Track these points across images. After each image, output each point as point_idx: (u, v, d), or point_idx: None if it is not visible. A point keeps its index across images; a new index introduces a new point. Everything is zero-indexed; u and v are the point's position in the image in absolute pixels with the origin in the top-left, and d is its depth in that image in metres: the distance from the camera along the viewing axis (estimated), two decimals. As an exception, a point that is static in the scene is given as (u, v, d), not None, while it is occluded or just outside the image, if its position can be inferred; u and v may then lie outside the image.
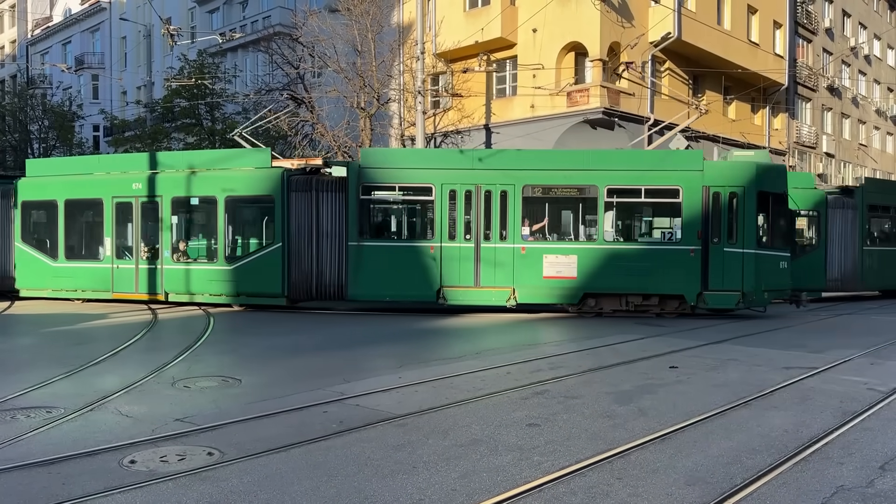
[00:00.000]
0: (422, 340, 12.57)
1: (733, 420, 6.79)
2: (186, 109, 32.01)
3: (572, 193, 15.96)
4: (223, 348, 11.47)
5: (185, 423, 6.50)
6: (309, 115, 26.43)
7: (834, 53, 40.29)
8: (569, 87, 24.80)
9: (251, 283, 16.21)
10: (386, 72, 26.22)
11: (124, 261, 17.22)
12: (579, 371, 9.18)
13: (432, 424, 6.51)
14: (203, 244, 17.45)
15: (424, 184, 15.58)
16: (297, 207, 15.82)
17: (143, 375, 8.64)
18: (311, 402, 7.36)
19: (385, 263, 15.45)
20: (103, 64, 48.26)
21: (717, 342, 11.85)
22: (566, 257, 15.31)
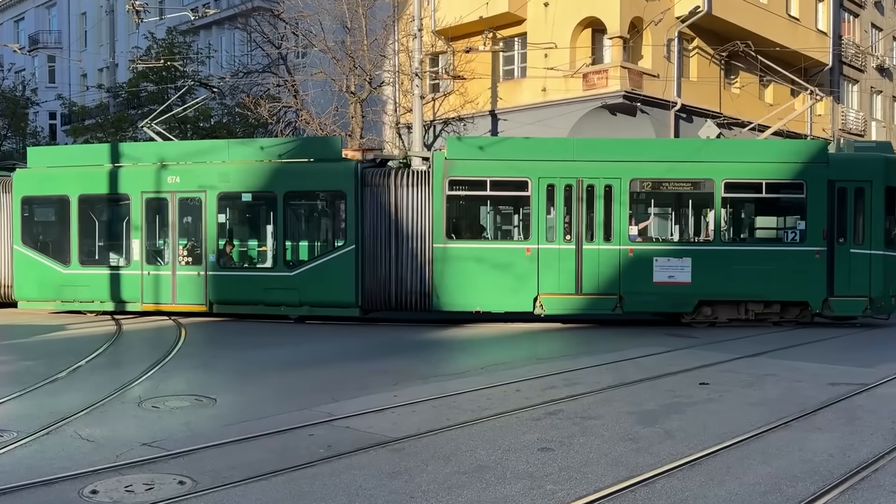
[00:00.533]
0: (421, 354, 12.54)
1: (772, 443, 6.78)
2: (154, 94, 32.01)
3: (685, 188, 16.01)
4: (196, 363, 11.46)
5: (153, 448, 6.49)
6: (292, 100, 26.47)
7: (884, 29, 40.21)
8: (585, 69, 24.79)
9: (317, 292, 15.76)
10: (379, 52, 26.21)
11: (157, 266, 16.67)
12: (598, 388, 9.15)
13: (432, 449, 6.50)
14: (257, 247, 17.22)
15: (519, 177, 15.38)
16: (372, 204, 15.58)
17: (106, 394, 8.62)
18: (296, 423, 7.34)
19: (475, 268, 15.19)
20: (60, 43, 48.32)
21: (752, 355, 11.80)
22: (679, 260, 15.28)
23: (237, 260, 16.87)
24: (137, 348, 13.06)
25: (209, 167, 16.43)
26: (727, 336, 14.05)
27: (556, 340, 14.14)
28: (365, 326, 15.74)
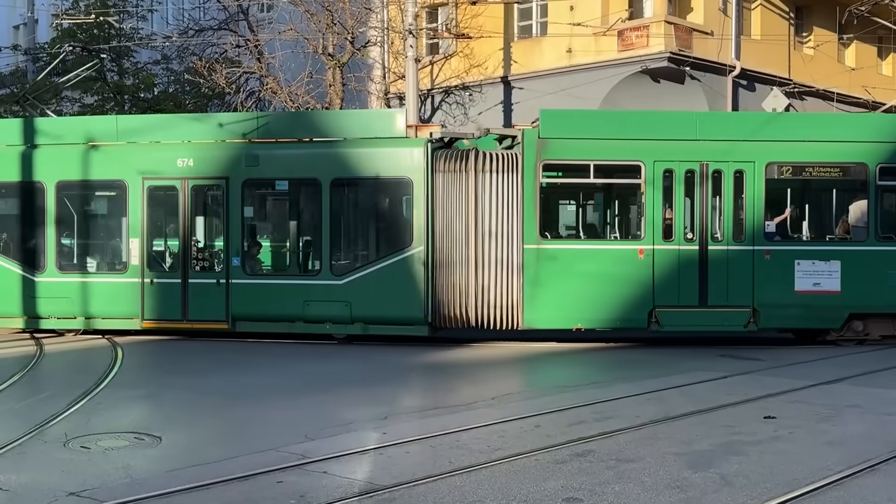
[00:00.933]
0: (416, 380, 12.56)
1: (855, 491, 6.76)
2: (83, 58, 32.00)
3: (831, 174, 15.90)
4: (136, 393, 11.44)
5: (82, 499, 6.47)
6: (256, 64, 26.50)
7: None
8: (621, 24, 24.79)
9: (374, 305, 15.45)
10: (363, 4, 26.22)
11: (162, 273, 16.40)
12: (636, 424, 9.13)
13: (431, 500, 6.49)
14: (295, 248, 16.94)
15: (630, 161, 15.24)
16: (445, 195, 15.26)
17: (25, 431, 8.60)
18: (261, 468, 7.34)
19: (576, 276, 15.03)
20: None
21: (829, 382, 11.79)
22: (826, 264, 15.16)
23: (268, 265, 16.61)
24: (63, 374, 13.00)
25: (233, 148, 16.05)
26: (796, 359, 14.04)
27: (585, 364, 14.12)
28: (349, 347, 15.67)
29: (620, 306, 15.04)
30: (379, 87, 27.38)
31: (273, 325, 15.84)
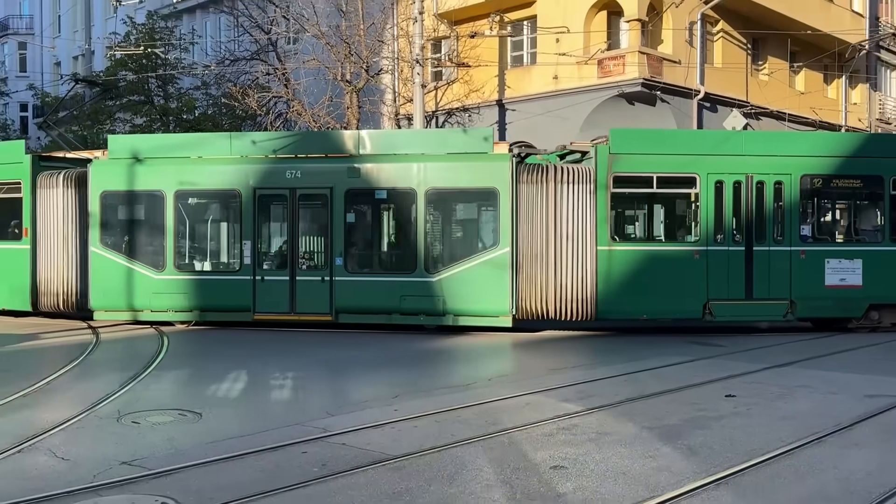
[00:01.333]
0: (423, 365, 12.53)
1: (804, 460, 6.76)
2: (134, 84, 32.08)
3: (853, 185, 16.24)
4: (180, 375, 11.45)
5: (133, 467, 6.48)
6: (283, 89, 26.51)
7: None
8: (600, 54, 24.79)
9: (464, 299, 15.35)
10: (376, 37, 26.23)
11: (273, 272, 16.15)
12: (615, 401, 9.12)
13: (436, 467, 6.49)
14: (393, 249, 16.97)
15: (687, 173, 15.38)
16: (526, 203, 15.18)
17: (83, 409, 8.60)
18: (288, 440, 7.34)
19: (642, 273, 15.15)
20: (32, 29, 48.47)
21: (783, 365, 11.78)
22: (850, 262, 15.48)
23: (369, 264, 16.44)
24: (116, 359, 13.00)
25: (336, 161, 15.87)
26: (754, 344, 14.05)
27: (571, 350, 14.12)
28: (360, 335, 15.66)
29: (680, 299, 15.24)
30: (390, 110, 27.39)
31: (372, 316, 15.73)
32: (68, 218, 16.21)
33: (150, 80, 31.82)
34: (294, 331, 15.81)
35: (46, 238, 16.32)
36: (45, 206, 16.33)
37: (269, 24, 28.07)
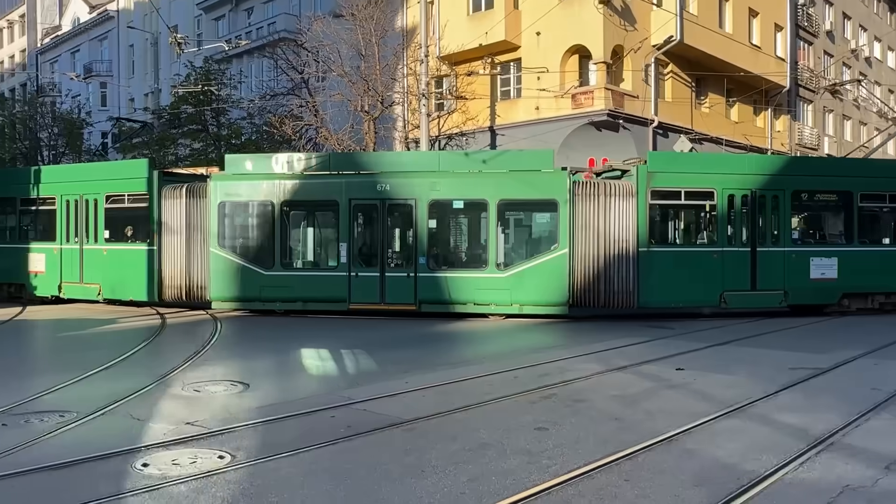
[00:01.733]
0: (429, 345, 12.54)
1: (740, 421, 6.78)
2: (193, 115, 32.05)
3: (830, 198, 16.64)
4: (231, 353, 11.49)
5: (195, 427, 6.52)
6: (313, 118, 26.50)
7: (835, 56, 40.16)
8: (573, 90, 24.81)
9: (529, 292, 15.17)
10: (390, 75, 26.25)
11: (365, 269, 15.75)
12: (586, 375, 9.13)
13: (440, 429, 6.51)
14: (468, 250, 16.70)
15: (707, 188, 15.49)
16: (580, 211, 15.12)
17: (154, 379, 8.66)
18: (319, 406, 7.36)
19: (673, 269, 15.22)
20: (111, 72, 48.43)
21: (722, 343, 11.82)
22: (829, 260, 15.88)
23: (447, 263, 16.11)
24: (179, 340, 13.02)
25: (420, 176, 15.70)
26: (699, 327, 14.05)
27: (551, 334, 14.09)
28: (380, 321, 15.64)
29: (702, 290, 15.38)
30: (401, 135, 27.38)
31: (450, 306, 15.56)
32: (189, 223, 16.06)
33: (206, 112, 31.78)
34: (323, 317, 15.80)
35: (170, 241, 16.21)
36: (169, 214, 16.20)
37: (302, 66, 28.06)
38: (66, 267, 17.55)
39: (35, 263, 18.09)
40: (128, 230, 17.12)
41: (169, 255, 16.21)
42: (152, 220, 16.28)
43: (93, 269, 17.19)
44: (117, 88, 46.86)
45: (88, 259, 17.26)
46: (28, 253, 18.25)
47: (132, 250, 16.71)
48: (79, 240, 17.40)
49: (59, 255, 17.68)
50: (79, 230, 17.41)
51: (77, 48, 52.09)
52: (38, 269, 18.01)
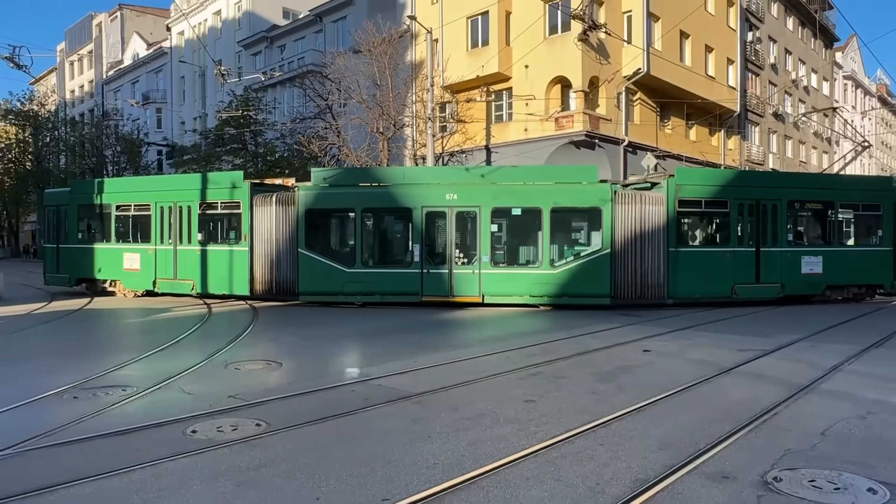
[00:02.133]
0: (435, 330, 12.52)
1: (697, 394, 6.78)
2: (234, 136, 32.14)
3: (816, 207, 16.87)
4: (266, 337, 11.48)
5: (236, 400, 6.53)
6: (336, 138, 26.52)
7: (778, 85, 40.13)
8: (556, 114, 24.79)
9: (576, 286, 15.26)
10: (401, 102, 26.28)
11: (436, 266, 15.65)
12: (567, 355, 9.13)
13: (444, 401, 6.51)
14: (525, 250, 16.48)
15: (720, 199, 15.67)
16: (620, 217, 15.25)
17: (201, 359, 8.67)
18: (341, 382, 7.39)
19: (695, 267, 15.34)
20: (165, 99, 48.47)
21: (683, 328, 11.80)
22: (815, 258, 16.27)
23: (507, 261, 16.05)
24: (223, 326, 13.00)
25: (483, 187, 15.74)
26: (665, 315, 14.03)
27: (538, 321, 14.07)
28: (394, 310, 15.63)
29: (719, 284, 15.53)
30: (410, 152, 27.40)
31: (509, 297, 15.57)
32: (278, 227, 15.93)
33: (245, 133, 31.84)
34: (344, 308, 15.79)
35: (260, 242, 16.07)
36: (260, 219, 16.07)
37: (327, 94, 28.06)
38: (160, 265, 17.38)
39: (129, 262, 17.86)
40: (221, 233, 17.20)
41: (259, 255, 16.08)
42: (245, 225, 16.20)
43: (186, 267, 17.06)
44: (170, 113, 46.88)
45: (182, 258, 17.11)
46: (123, 253, 17.97)
47: (226, 251, 16.62)
48: (173, 241, 17.21)
49: (153, 255, 17.47)
50: (172, 233, 17.21)
51: (136, 79, 52.13)
52: (132, 267, 17.77)
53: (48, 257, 19.78)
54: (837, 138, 50.18)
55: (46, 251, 20.02)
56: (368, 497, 4.15)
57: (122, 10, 56.42)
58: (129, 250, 17.90)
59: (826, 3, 46.42)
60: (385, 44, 25.37)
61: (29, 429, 5.52)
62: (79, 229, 19.00)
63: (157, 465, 4.69)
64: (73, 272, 18.85)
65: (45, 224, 20.42)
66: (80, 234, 18.97)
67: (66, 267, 18.99)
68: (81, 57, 60.73)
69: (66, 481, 4.39)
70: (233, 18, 42.25)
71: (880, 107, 61.86)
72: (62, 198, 19.47)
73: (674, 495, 4.19)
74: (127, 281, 17.96)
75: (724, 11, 32.35)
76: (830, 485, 4.36)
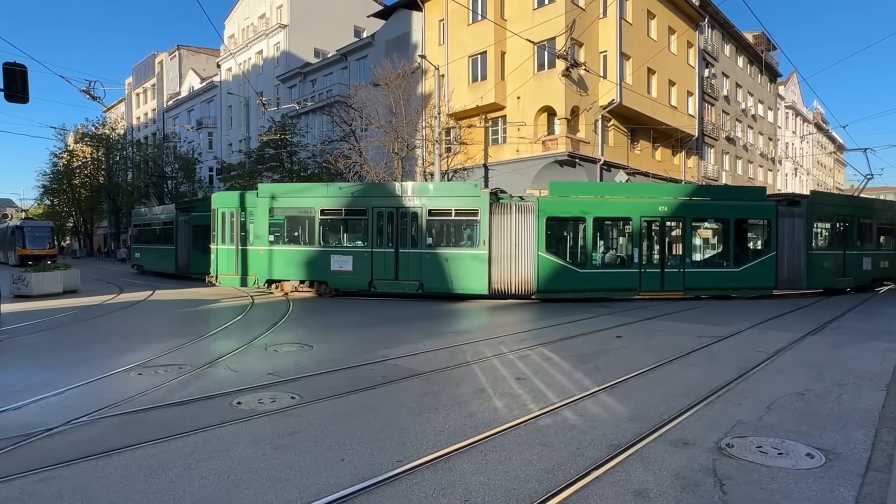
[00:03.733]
0: (441, 318, 12.49)
1: (661, 374, 6.76)
2: (273, 155, 32.15)
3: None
4: (299, 324, 11.48)
5: (274, 376, 6.54)
6: (358, 158, 26.52)
7: (730, 113, 39.95)
8: (543, 138, 24.72)
9: (752, 280, 15.77)
10: (413, 127, 26.20)
11: (650, 267, 15.53)
12: (552, 340, 9.13)
13: (448, 379, 6.51)
14: (720, 253, 16.56)
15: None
16: (786, 229, 15.88)
17: (245, 342, 8.70)
18: (362, 362, 7.38)
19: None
20: (216, 124, 48.54)
21: (649, 318, 11.76)
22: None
23: (702, 260, 16.36)
24: (263, 315, 13.00)
25: (686, 201, 15.65)
26: (634, 306, 13.97)
27: (527, 311, 14.04)
28: (402, 301, 15.59)
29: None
30: (420, 170, 27.35)
31: (708, 290, 15.76)
32: (517, 233, 15.08)
33: (283, 153, 31.86)
34: (367, 299, 15.78)
35: (497, 246, 15.24)
36: (497, 226, 15.15)
37: (351, 121, 28.06)
38: (377, 266, 15.85)
39: (339, 264, 16.12)
40: (451, 237, 15.96)
41: (496, 257, 15.27)
42: (484, 230, 15.14)
43: (408, 268, 15.64)
44: (220, 136, 46.96)
45: (403, 260, 15.69)
46: (331, 255, 16.15)
47: (462, 254, 15.43)
48: (393, 244, 15.75)
49: (369, 257, 15.89)
50: (393, 237, 15.75)
51: (192, 107, 52.23)
52: (342, 268, 16.05)
53: (221, 259, 17.32)
54: (780, 158, 50.01)
55: (220, 252, 17.37)
56: (385, 459, 4.15)
57: (180, 50, 56.56)
58: (339, 252, 16.24)
59: (771, 45, 46.21)
60: (400, 78, 25.35)
61: (102, 400, 5.55)
62: (270, 232, 16.66)
63: (207, 430, 4.70)
64: (262, 273, 16.69)
65: (219, 226, 17.43)
66: (273, 236, 16.67)
67: (255, 268, 16.79)
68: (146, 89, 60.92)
69: (133, 444, 4.41)
70: (272, 57, 42.32)
71: (816, 132, 61.56)
72: (250, 200, 16.96)
73: (642, 458, 4.17)
74: (335, 281, 16.21)
75: (684, 51, 32.25)
76: (775, 450, 4.34)
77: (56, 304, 14.54)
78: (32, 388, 6.00)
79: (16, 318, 11.58)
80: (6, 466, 4.02)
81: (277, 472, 3.93)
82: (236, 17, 46.72)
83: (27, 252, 33.18)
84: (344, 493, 3.58)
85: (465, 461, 4.11)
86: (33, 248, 33.75)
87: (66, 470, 3.97)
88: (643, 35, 27.97)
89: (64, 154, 45.73)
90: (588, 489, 3.69)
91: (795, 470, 4.01)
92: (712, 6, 35.20)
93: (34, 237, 34.47)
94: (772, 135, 47.98)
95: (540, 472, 3.92)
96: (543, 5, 24.56)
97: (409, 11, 30.34)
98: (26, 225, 35.37)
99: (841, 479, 3.87)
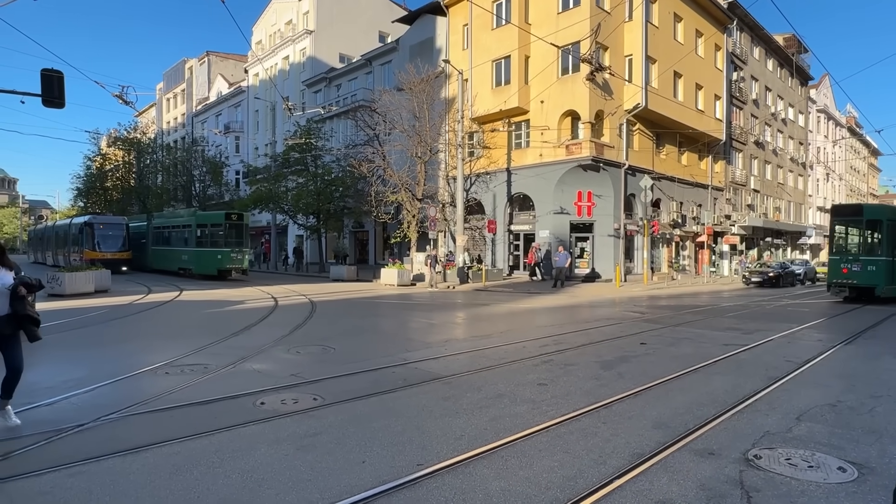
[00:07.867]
0: (461, 324, 12.47)
1: (686, 382, 6.63)
2: (298, 159, 32.51)
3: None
4: (322, 326, 11.56)
5: (297, 378, 6.59)
6: (382, 162, 26.68)
7: (759, 117, 39.17)
8: (567, 142, 24.56)
9: None
10: (436, 131, 26.27)
11: None
12: (575, 346, 9.05)
13: (469, 383, 6.49)
14: None
15: None
16: None
17: (268, 343, 8.78)
18: (383, 364, 7.39)
19: None
20: (243, 129, 49.38)
21: (674, 325, 11.58)
22: None
23: None
24: (286, 316, 13.12)
25: None
26: (662, 313, 13.76)
27: (549, 315, 13.94)
28: (419, 305, 15.61)
29: None
30: (443, 174, 27.40)
31: None
32: None
33: (308, 157, 32.21)
34: (395, 302, 15.81)
35: None
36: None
37: (375, 125, 28.25)
38: None
39: None
40: None
41: None
42: None
43: None
44: (247, 140, 47.74)
45: None
46: None
47: None
48: None
49: None
50: None
51: (220, 112, 53.24)
52: None
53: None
54: (811, 163, 48.84)
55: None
56: (405, 462, 4.15)
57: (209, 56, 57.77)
58: None
59: (802, 48, 45.23)
60: (423, 83, 25.45)
61: (129, 398, 5.66)
62: None
63: (231, 430, 4.75)
64: None
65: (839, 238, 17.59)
66: None
67: None
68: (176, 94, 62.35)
69: (159, 441, 4.48)
70: (298, 62, 42.92)
71: (849, 136, 59.96)
72: None
73: (666, 468, 4.09)
74: None
75: (712, 55, 31.76)
76: (805, 463, 4.22)
77: (87, 303, 14.90)
78: (65, 385, 6.16)
79: (50, 317, 11.89)
80: (39, 461, 4.13)
81: (299, 473, 3.95)
82: (264, 24, 47.52)
83: (98, 255, 27.26)
84: (365, 496, 3.58)
85: (485, 466, 4.08)
86: (105, 251, 28.13)
87: (95, 465, 4.06)
88: (669, 38, 27.63)
89: (97, 157, 46.88)
90: (610, 498, 3.63)
91: (826, 484, 3.89)
92: (741, 8, 34.61)
93: (106, 237, 28.75)
94: (802, 139, 46.90)
95: (561, 480, 3.87)
96: (568, 9, 24.45)
97: (433, 16, 30.49)
98: (96, 222, 29.15)
99: (874, 494, 3.74)
